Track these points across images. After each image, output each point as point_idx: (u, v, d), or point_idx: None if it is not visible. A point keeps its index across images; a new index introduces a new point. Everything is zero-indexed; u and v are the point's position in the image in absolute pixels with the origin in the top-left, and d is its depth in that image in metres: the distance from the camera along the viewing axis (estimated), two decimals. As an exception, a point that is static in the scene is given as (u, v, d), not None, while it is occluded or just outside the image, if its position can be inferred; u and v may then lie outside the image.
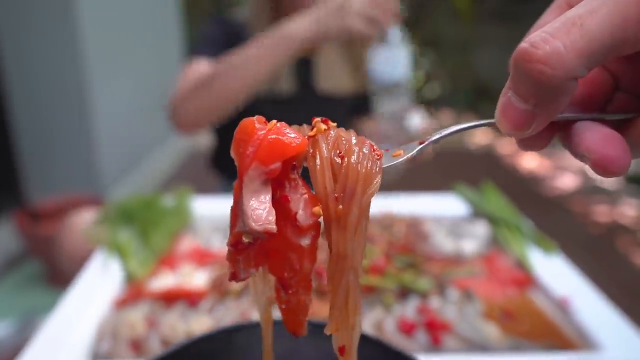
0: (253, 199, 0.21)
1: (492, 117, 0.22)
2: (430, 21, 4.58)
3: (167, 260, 0.65)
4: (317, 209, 0.21)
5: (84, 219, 1.24)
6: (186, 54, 2.73)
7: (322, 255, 0.23)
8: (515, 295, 0.63)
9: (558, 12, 0.24)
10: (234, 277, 0.22)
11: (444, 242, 0.73)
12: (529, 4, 4.67)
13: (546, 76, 0.19)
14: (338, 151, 0.21)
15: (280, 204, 0.21)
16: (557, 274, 0.66)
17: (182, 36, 2.88)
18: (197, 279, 0.63)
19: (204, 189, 1.00)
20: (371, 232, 0.71)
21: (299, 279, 0.22)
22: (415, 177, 1.24)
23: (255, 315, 0.53)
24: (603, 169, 0.19)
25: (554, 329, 0.57)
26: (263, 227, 0.20)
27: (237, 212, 0.21)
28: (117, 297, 0.58)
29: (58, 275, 1.39)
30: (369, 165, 0.21)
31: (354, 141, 0.21)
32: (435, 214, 0.82)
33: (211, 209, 0.79)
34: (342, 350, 0.22)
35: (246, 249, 0.21)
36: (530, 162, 2.94)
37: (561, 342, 0.55)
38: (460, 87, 4.65)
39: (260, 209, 0.20)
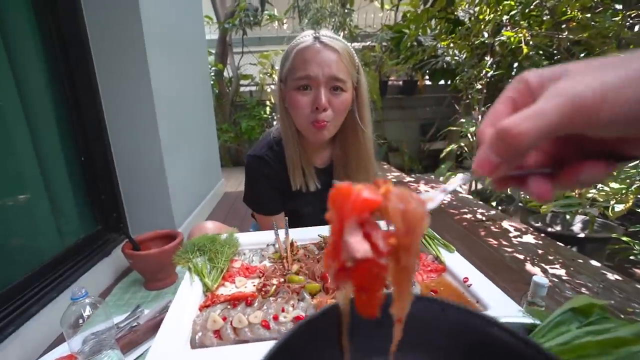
0: (352, 237, 0.20)
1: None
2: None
3: (227, 276, 0.64)
4: (394, 240, 0.20)
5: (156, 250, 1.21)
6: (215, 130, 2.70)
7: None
8: (436, 279, 0.64)
9: (507, 104, 0.23)
10: (337, 288, 0.22)
11: None
12: (413, 98, 4.94)
13: (516, 144, 0.18)
14: (402, 203, 0.20)
15: (366, 238, 0.20)
16: (457, 264, 0.66)
17: (214, 121, 2.87)
18: (248, 286, 0.62)
19: (238, 217, 0.97)
20: None
21: (379, 283, 0.21)
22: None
23: (288, 309, 0.52)
24: (539, 200, 0.21)
25: (462, 299, 0.57)
26: (363, 254, 0.19)
27: (341, 246, 0.20)
28: (201, 303, 0.57)
29: (148, 282, 1.34)
30: (422, 210, 0.20)
31: (409, 194, 0.21)
32: None
33: (249, 240, 0.77)
34: (399, 320, 0.22)
35: (347, 269, 0.20)
36: (424, 187, 2.91)
37: (467, 305, 0.55)
38: (379, 146, 4.76)
39: (359, 243, 0.20)
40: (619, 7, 1.61)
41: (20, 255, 1.12)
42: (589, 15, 1.61)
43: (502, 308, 0.51)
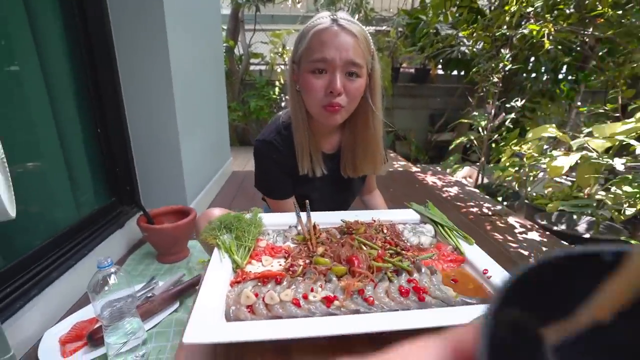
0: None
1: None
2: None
3: (253, 255, 0.65)
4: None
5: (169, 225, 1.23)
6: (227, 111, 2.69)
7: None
8: (455, 268, 0.65)
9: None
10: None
11: (410, 238, 0.74)
12: (424, 87, 4.88)
13: None
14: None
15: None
16: (477, 256, 0.67)
17: (225, 100, 2.84)
18: (274, 265, 0.64)
19: (247, 197, 0.97)
20: (370, 234, 0.72)
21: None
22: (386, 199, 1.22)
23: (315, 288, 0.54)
24: None
25: (481, 288, 0.59)
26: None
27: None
28: (231, 279, 0.58)
29: (161, 255, 1.37)
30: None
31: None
32: (403, 220, 0.82)
33: (271, 221, 0.77)
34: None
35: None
36: (431, 178, 2.94)
37: (486, 296, 0.56)
38: (386, 133, 4.75)
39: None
40: None
41: (39, 224, 1.14)
42: (620, 12, 1.56)
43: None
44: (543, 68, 2.86)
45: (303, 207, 0.80)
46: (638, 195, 1.25)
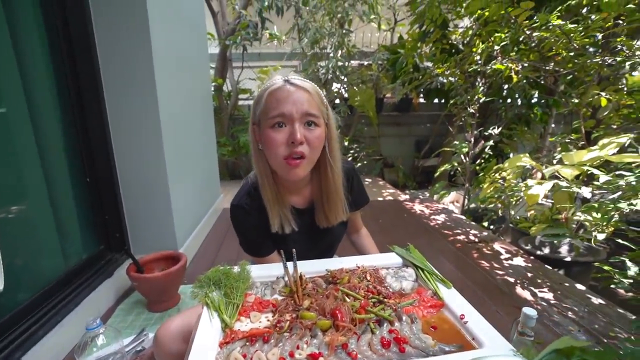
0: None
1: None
2: (354, 126, 4.80)
3: (242, 311, 0.67)
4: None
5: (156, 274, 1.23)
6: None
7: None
8: (435, 314, 0.67)
9: None
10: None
11: (393, 283, 0.77)
12: (408, 116, 5.07)
13: None
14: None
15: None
16: (454, 300, 0.70)
17: (216, 152, 2.86)
18: (262, 320, 0.66)
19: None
20: (353, 282, 0.74)
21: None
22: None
23: (302, 345, 0.57)
24: None
25: (460, 336, 0.61)
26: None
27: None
28: (220, 340, 0.59)
29: (152, 304, 1.36)
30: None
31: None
32: (386, 264, 0.85)
33: (259, 273, 0.79)
34: None
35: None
36: (419, 206, 2.98)
37: (465, 343, 0.58)
38: (374, 161, 4.85)
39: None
40: (592, 49, 1.75)
41: (25, 278, 1.13)
42: (572, 53, 1.73)
43: (496, 346, 0.56)
44: (517, 94, 3.05)
45: (290, 256, 0.83)
46: (604, 223, 1.33)
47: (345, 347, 0.56)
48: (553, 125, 3.14)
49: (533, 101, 2.98)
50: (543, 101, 2.93)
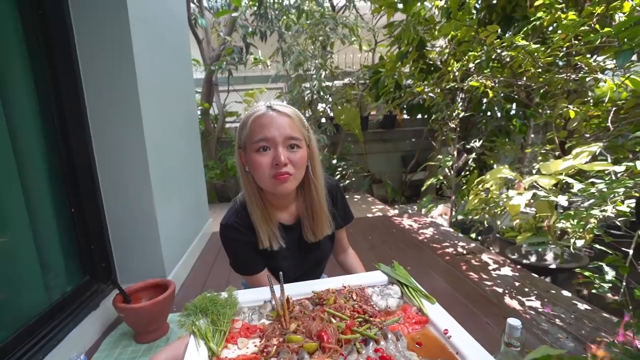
0: None
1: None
2: (341, 144, 4.89)
3: (229, 338, 0.67)
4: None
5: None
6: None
7: None
8: (420, 330, 0.68)
9: None
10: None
11: (379, 302, 0.78)
12: (393, 132, 5.20)
13: None
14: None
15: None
16: (439, 315, 0.71)
17: (204, 175, 2.85)
18: (250, 346, 0.66)
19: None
20: (339, 302, 0.75)
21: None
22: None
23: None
24: None
25: (445, 350, 0.62)
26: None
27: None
28: None
29: (139, 334, 1.32)
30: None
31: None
32: (372, 283, 0.86)
33: (246, 298, 0.79)
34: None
35: None
36: (407, 221, 3.01)
37: (449, 358, 0.59)
38: (362, 178, 4.91)
39: None
40: (561, 63, 1.87)
41: (5, 315, 1.10)
42: (540, 70, 1.85)
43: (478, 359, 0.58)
44: (495, 107, 3.18)
45: (278, 278, 0.84)
46: (581, 230, 1.38)
47: (331, 369, 0.57)
48: (532, 136, 3.27)
49: (512, 113, 3.11)
50: (521, 113, 3.07)
